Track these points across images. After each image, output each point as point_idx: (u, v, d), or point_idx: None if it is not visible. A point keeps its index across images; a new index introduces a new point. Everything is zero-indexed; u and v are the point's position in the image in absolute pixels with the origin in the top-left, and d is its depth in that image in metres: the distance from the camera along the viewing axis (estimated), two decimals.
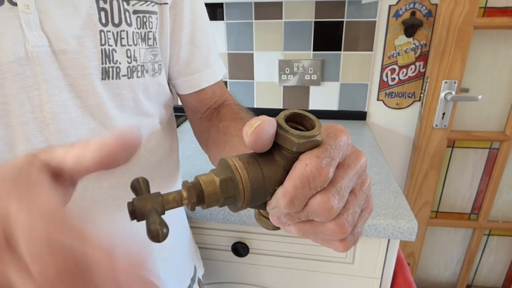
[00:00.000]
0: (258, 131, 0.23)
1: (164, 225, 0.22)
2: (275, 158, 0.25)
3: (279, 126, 0.24)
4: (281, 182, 0.25)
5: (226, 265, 0.88)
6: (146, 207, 0.23)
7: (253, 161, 0.25)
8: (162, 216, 0.23)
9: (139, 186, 0.24)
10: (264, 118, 0.24)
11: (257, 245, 0.84)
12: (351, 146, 0.26)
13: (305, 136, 0.24)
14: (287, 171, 0.25)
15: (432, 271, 1.65)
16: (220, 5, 1.29)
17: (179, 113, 1.14)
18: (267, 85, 1.39)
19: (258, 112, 0.60)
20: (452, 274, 1.64)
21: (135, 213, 0.23)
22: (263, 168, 0.25)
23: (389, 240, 0.77)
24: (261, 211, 0.30)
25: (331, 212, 0.24)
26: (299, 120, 0.26)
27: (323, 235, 0.26)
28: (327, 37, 1.28)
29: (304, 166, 0.23)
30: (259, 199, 0.25)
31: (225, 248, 0.86)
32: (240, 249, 0.83)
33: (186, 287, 0.65)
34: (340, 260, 0.82)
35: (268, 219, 0.29)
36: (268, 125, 0.24)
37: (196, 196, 0.24)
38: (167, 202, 0.24)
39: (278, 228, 0.29)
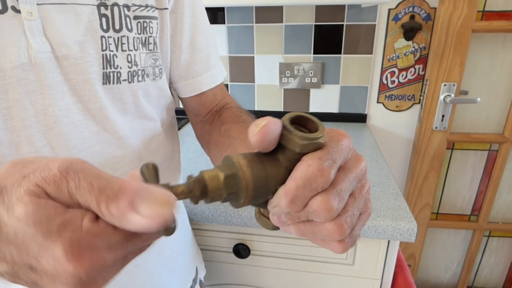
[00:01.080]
0: (264, 131, 0.24)
1: (173, 219, 0.22)
2: (279, 158, 0.26)
3: (284, 127, 0.25)
4: (283, 182, 0.25)
5: (227, 266, 0.89)
6: None
7: (257, 160, 0.26)
8: None
9: (149, 173, 0.24)
10: (270, 118, 0.24)
11: (258, 247, 0.85)
12: (352, 150, 0.27)
13: (309, 138, 0.24)
14: (289, 171, 0.25)
15: (432, 273, 1.65)
16: (221, 9, 1.30)
17: (180, 116, 1.15)
18: (267, 88, 1.40)
19: (259, 114, 0.61)
20: (453, 275, 1.64)
21: None
22: (266, 167, 0.25)
23: (389, 241, 0.78)
24: (261, 210, 0.31)
25: (331, 212, 0.24)
26: (303, 122, 0.27)
27: (321, 236, 0.26)
28: (327, 40, 1.29)
29: (306, 167, 0.24)
30: (261, 197, 0.26)
31: (227, 250, 0.87)
32: (241, 250, 0.84)
33: None
34: (340, 261, 0.83)
35: (268, 218, 0.29)
36: (274, 125, 0.24)
37: (200, 190, 0.25)
38: (176, 194, 0.24)
39: (277, 228, 0.30)
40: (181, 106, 0.66)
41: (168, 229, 0.22)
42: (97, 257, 0.21)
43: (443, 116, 1.28)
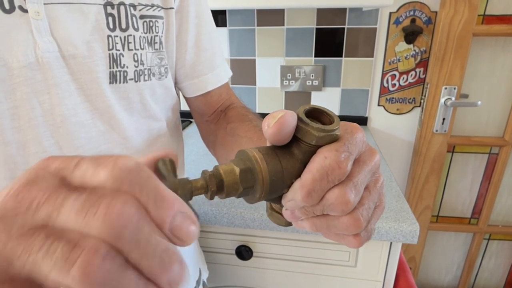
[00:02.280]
0: (281, 122, 0.24)
1: (194, 212, 0.22)
2: (293, 151, 0.25)
3: (299, 119, 0.25)
4: (298, 175, 0.25)
5: (230, 268, 0.89)
6: (177, 189, 0.23)
7: (272, 153, 0.25)
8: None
9: (166, 169, 0.23)
10: (286, 111, 0.24)
11: (260, 249, 0.85)
12: (366, 143, 0.27)
13: (325, 129, 0.24)
14: (304, 164, 0.25)
15: (433, 275, 1.65)
16: (223, 12, 1.30)
17: (182, 118, 1.16)
18: (269, 91, 1.40)
19: (261, 117, 0.61)
20: (453, 278, 1.64)
21: None
22: (281, 160, 0.25)
23: (391, 243, 0.78)
24: (273, 206, 0.30)
25: (348, 205, 0.24)
26: (317, 115, 0.26)
27: (336, 230, 0.26)
28: (328, 43, 1.29)
29: (323, 159, 0.24)
30: (277, 191, 0.26)
31: (229, 252, 0.86)
32: (244, 252, 0.83)
33: None
34: (342, 263, 0.83)
35: (281, 214, 0.29)
36: (291, 117, 0.24)
37: (216, 185, 0.24)
38: (195, 189, 0.24)
39: (290, 224, 0.29)
40: (183, 108, 0.65)
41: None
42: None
43: (443, 119, 1.29)
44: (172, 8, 0.51)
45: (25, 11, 0.37)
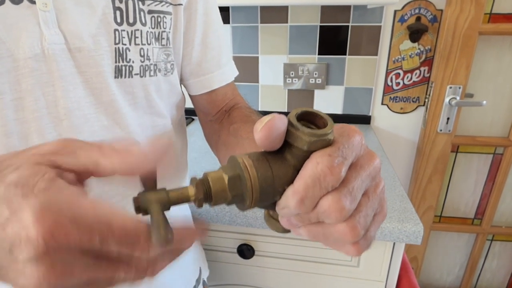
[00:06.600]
0: (269, 127, 0.23)
1: (168, 230, 0.22)
2: (286, 157, 0.24)
3: (290, 124, 0.24)
4: (291, 182, 0.24)
5: (231, 267, 0.88)
6: (151, 203, 0.23)
7: (263, 159, 0.24)
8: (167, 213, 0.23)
9: (148, 181, 0.24)
10: (275, 115, 0.23)
11: (262, 247, 0.84)
12: (364, 147, 0.25)
13: (317, 134, 0.23)
14: (297, 170, 0.24)
15: (435, 276, 1.65)
16: (226, 8, 1.30)
17: (185, 116, 1.15)
18: (272, 89, 1.39)
19: (264, 115, 0.61)
20: (455, 278, 1.64)
21: (140, 209, 0.23)
22: (272, 167, 0.24)
23: (394, 243, 0.78)
24: (270, 213, 0.29)
25: (342, 213, 0.23)
26: (311, 118, 0.25)
27: (334, 238, 0.25)
28: (332, 41, 1.28)
29: (315, 164, 0.23)
30: (268, 199, 0.25)
31: (231, 250, 0.86)
32: (245, 251, 0.83)
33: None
34: (345, 263, 0.82)
35: (278, 221, 0.28)
36: (279, 121, 0.23)
37: (204, 193, 0.24)
38: (172, 198, 0.24)
39: (288, 231, 0.28)
40: (187, 105, 0.65)
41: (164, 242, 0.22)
42: (68, 228, 0.20)
43: (448, 118, 1.28)
44: (181, 4, 0.51)
45: (33, 2, 0.36)
